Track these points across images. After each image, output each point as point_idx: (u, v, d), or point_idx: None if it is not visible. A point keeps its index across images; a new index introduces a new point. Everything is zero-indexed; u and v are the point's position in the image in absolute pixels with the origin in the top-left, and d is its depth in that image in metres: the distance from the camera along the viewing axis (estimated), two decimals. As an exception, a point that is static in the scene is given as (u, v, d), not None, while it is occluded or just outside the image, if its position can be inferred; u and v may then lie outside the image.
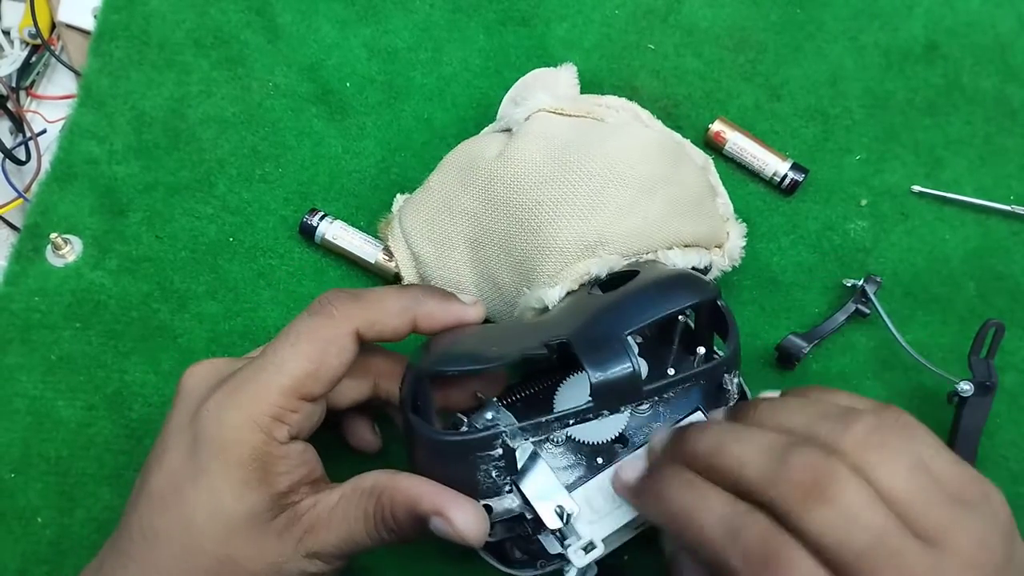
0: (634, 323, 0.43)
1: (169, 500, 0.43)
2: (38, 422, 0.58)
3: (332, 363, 0.45)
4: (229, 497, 0.43)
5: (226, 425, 0.43)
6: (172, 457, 0.44)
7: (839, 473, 0.36)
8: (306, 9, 0.66)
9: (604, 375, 0.42)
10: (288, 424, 0.44)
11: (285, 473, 0.44)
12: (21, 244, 0.61)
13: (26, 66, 0.68)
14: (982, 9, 0.67)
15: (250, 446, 0.43)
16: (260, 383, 0.44)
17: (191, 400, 0.45)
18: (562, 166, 0.52)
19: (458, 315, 0.48)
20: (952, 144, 0.64)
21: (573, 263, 0.51)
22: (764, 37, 0.66)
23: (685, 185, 0.54)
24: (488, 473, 0.43)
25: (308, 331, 0.45)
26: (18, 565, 0.55)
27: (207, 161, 0.63)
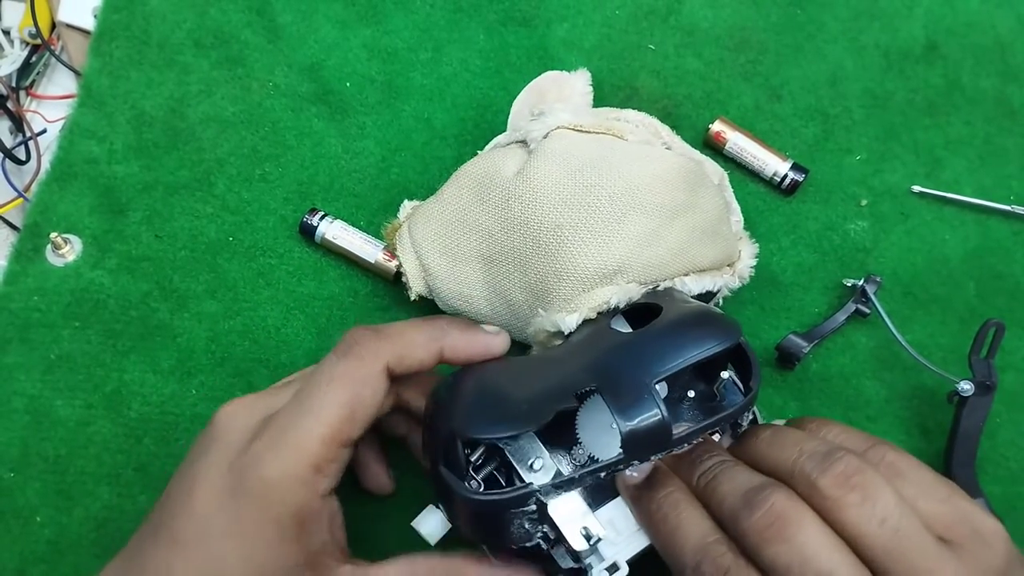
0: (662, 371, 0.43)
1: (196, 548, 0.42)
2: (37, 421, 0.58)
3: (367, 404, 0.45)
4: (263, 554, 0.42)
5: (270, 481, 0.42)
6: (204, 504, 0.43)
7: (800, 514, 0.38)
8: (306, 9, 0.66)
9: (634, 425, 0.42)
10: (327, 476, 0.44)
11: (319, 531, 0.44)
12: (21, 243, 0.61)
13: (26, 66, 0.68)
14: (982, 9, 0.67)
15: (294, 502, 0.43)
16: (300, 431, 0.43)
17: (229, 441, 0.44)
18: (582, 189, 0.51)
19: (484, 345, 0.48)
20: (952, 144, 0.64)
21: (591, 289, 0.50)
22: (764, 37, 0.66)
23: (704, 211, 0.53)
24: (521, 525, 0.43)
25: (340, 375, 0.44)
26: (16, 564, 0.55)
27: (207, 161, 0.63)
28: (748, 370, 0.46)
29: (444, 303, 0.55)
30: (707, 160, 0.58)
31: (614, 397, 0.42)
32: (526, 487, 0.42)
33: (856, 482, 0.38)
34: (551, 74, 0.61)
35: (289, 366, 0.59)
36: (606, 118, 0.56)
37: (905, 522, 0.37)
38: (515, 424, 0.43)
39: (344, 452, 0.44)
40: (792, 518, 0.37)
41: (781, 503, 0.38)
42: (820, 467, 0.39)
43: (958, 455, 0.55)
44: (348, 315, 0.60)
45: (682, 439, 0.43)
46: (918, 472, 0.40)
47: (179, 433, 0.58)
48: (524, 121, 0.57)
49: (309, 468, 0.43)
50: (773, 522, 0.38)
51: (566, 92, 0.59)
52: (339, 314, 0.60)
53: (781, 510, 0.38)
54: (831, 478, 0.38)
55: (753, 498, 0.39)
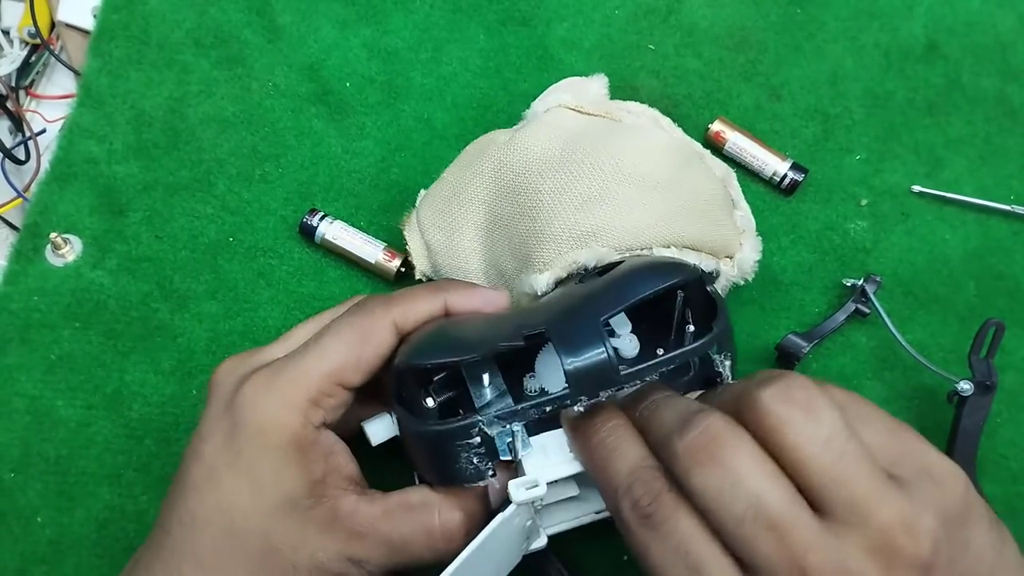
0: (610, 308, 0.43)
1: (207, 487, 0.44)
2: (37, 422, 0.58)
3: (372, 353, 0.46)
4: (267, 479, 0.43)
5: (263, 408, 0.44)
6: (209, 446, 0.45)
7: (735, 436, 0.35)
8: (306, 9, 0.66)
9: (577, 361, 0.42)
10: (323, 409, 0.45)
11: (320, 459, 0.45)
12: (21, 244, 0.61)
13: (26, 66, 0.68)
14: (982, 9, 0.67)
15: (288, 429, 0.44)
16: (300, 368, 0.45)
17: (224, 391, 0.46)
18: (568, 156, 0.52)
19: (484, 298, 0.48)
20: (952, 144, 0.64)
21: (566, 253, 0.51)
22: (764, 37, 0.66)
23: (693, 190, 0.53)
24: (470, 459, 0.44)
25: (349, 324, 0.46)
26: (17, 564, 0.55)
27: (207, 161, 0.63)
28: (710, 308, 0.46)
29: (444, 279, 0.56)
30: (709, 154, 0.59)
31: (562, 338, 0.42)
32: (468, 417, 0.43)
33: (800, 398, 0.35)
34: (570, 79, 0.61)
35: (289, 366, 0.59)
36: (607, 104, 0.57)
37: (851, 447, 0.34)
38: (457, 352, 0.44)
39: (343, 394, 0.46)
40: (726, 440, 0.35)
41: (716, 425, 0.36)
42: (763, 385, 0.36)
43: (958, 455, 0.55)
44: (348, 315, 0.60)
45: (630, 376, 0.42)
46: (869, 405, 0.38)
47: (180, 433, 0.58)
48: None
49: (305, 399, 0.44)
50: (706, 444, 0.35)
51: (581, 91, 0.59)
52: (339, 314, 0.60)
53: (715, 432, 0.35)
54: (773, 391, 0.35)
55: (687, 420, 0.37)
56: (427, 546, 0.44)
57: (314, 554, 0.43)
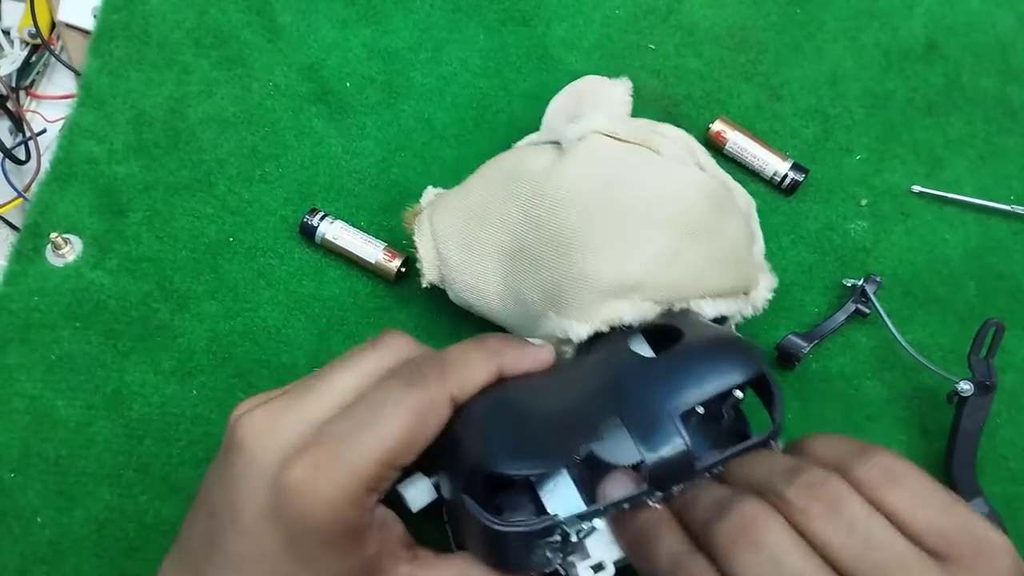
0: (686, 402, 0.42)
1: (259, 540, 0.41)
2: (37, 421, 0.58)
3: (430, 432, 0.43)
4: (324, 568, 0.41)
5: (320, 500, 0.40)
6: (254, 523, 0.41)
7: (770, 520, 0.37)
8: (306, 9, 0.66)
9: (659, 457, 0.41)
10: (380, 493, 0.43)
11: (375, 537, 0.43)
12: (21, 244, 0.61)
13: (26, 66, 0.68)
14: (982, 8, 0.67)
15: (346, 522, 0.41)
16: (356, 453, 0.41)
17: (263, 461, 0.42)
18: (609, 198, 0.50)
19: (536, 361, 0.47)
20: (952, 144, 0.64)
21: (605, 301, 0.49)
22: (764, 37, 0.66)
23: (728, 237, 0.52)
24: (543, 554, 0.42)
25: (406, 403, 0.43)
26: (17, 564, 0.55)
27: (207, 161, 0.63)
28: (769, 398, 0.45)
29: (456, 294, 0.55)
30: (738, 187, 0.57)
31: (637, 427, 0.42)
32: (552, 519, 0.42)
33: (821, 492, 0.37)
34: (591, 78, 0.60)
35: (290, 367, 0.59)
36: (642, 129, 0.55)
37: (877, 530, 0.37)
38: (545, 462, 0.42)
39: (396, 474, 0.43)
40: (761, 523, 0.37)
41: (751, 509, 0.38)
42: (786, 479, 0.38)
43: (958, 455, 0.55)
44: (348, 315, 0.60)
45: (705, 469, 0.42)
46: (916, 478, 0.39)
47: (180, 434, 0.58)
48: (560, 123, 0.56)
49: (362, 489, 0.41)
50: (743, 529, 0.37)
51: (604, 98, 0.58)
52: (340, 314, 0.60)
53: (751, 516, 0.37)
54: (796, 489, 0.38)
55: (724, 506, 0.38)
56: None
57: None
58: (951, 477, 0.55)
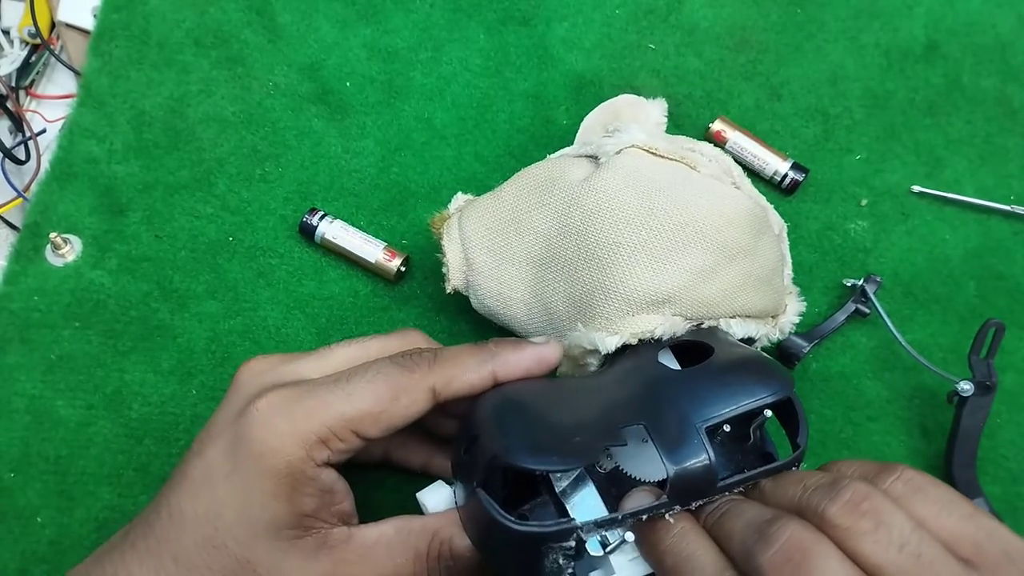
0: (712, 415, 0.42)
1: (202, 489, 0.43)
2: (37, 421, 0.58)
3: (398, 412, 0.44)
4: (257, 501, 0.42)
5: (270, 431, 0.43)
6: (212, 449, 0.44)
7: (820, 546, 0.36)
8: (306, 9, 0.66)
9: (681, 469, 0.41)
10: (330, 450, 0.43)
11: (311, 495, 0.43)
12: (21, 243, 0.61)
13: (26, 65, 0.68)
14: (982, 9, 0.67)
15: (287, 459, 0.42)
16: (320, 403, 0.43)
17: (242, 394, 0.45)
18: (647, 210, 0.50)
19: (536, 358, 0.47)
20: (952, 144, 0.64)
21: (636, 314, 0.49)
22: (764, 37, 0.66)
23: (762, 258, 0.52)
24: (555, 560, 0.42)
25: (385, 375, 0.44)
26: (18, 564, 0.55)
27: (207, 160, 0.63)
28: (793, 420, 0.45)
29: (479, 301, 0.54)
30: (771, 208, 0.56)
31: (662, 437, 0.42)
32: (569, 522, 0.41)
33: (866, 508, 0.36)
34: (628, 96, 0.61)
35: (289, 366, 0.59)
36: (680, 147, 0.54)
37: (926, 547, 0.36)
38: (567, 458, 0.41)
39: (355, 441, 0.44)
40: (812, 551, 0.35)
41: (798, 535, 0.36)
42: (827, 496, 0.37)
43: (958, 455, 0.55)
44: (348, 315, 0.60)
45: (727, 487, 0.42)
46: (937, 489, 0.38)
47: (179, 433, 0.58)
48: (596, 137, 0.55)
49: (314, 435, 0.43)
50: (791, 556, 0.35)
51: (641, 117, 0.59)
52: (339, 314, 0.60)
53: (799, 543, 0.36)
54: (839, 506, 0.36)
55: (767, 531, 0.37)
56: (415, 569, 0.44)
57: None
58: (951, 477, 0.55)
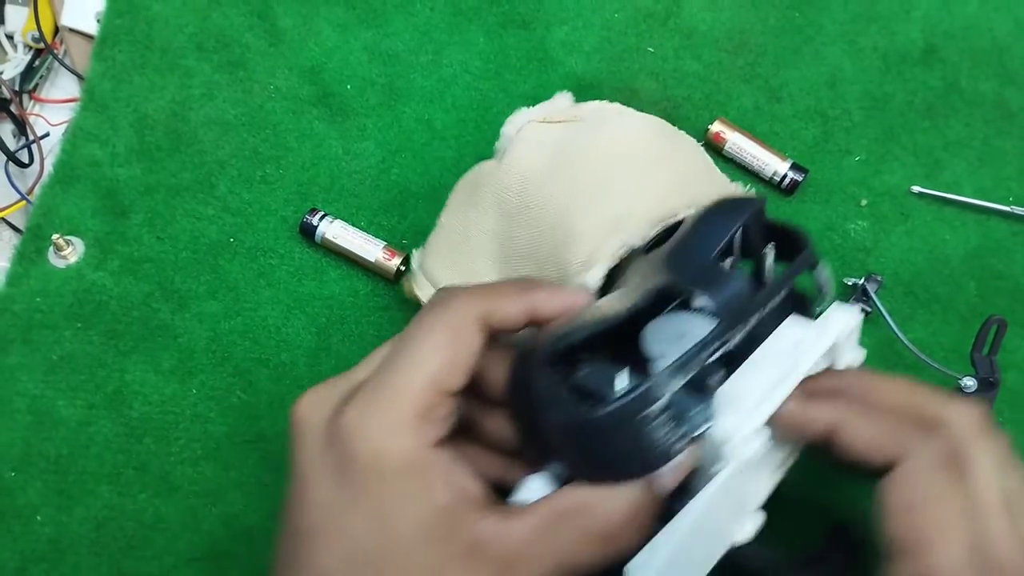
0: (715, 243, 0.42)
1: (330, 535, 0.39)
2: (39, 421, 0.58)
3: (465, 351, 0.41)
4: (394, 513, 0.38)
5: (372, 435, 0.39)
6: (319, 492, 0.39)
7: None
8: (307, 13, 0.66)
9: (719, 294, 0.40)
10: (433, 423, 0.40)
11: (443, 483, 0.39)
12: (24, 245, 0.61)
13: (29, 70, 0.68)
14: (979, 13, 0.68)
15: (402, 453, 0.39)
16: (398, 384, 0.40)
17: (317, 426, 0.41)
18: (563, 159, 0.52)
19: (571, 302, 0.44)
20: (951, 146, 0.64)
21: (603, 241, 0.49)
22: (763, 40, 0.66)
23: (688, 157, 0.54)
24: (655, 433, 0.38)
25: (434, 322, 0.41)
26: (17, 563, 0.55)
27: (208, 163, 0.63)
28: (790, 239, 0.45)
29: None
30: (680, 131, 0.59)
31: (692, 281, 0.41)
32: (648, 380, 0.38)
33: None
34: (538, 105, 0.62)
35: (289, 365, 0.59)
36: (570, 111, 0.56)
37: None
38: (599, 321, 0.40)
39: (449, 401, 0.40)
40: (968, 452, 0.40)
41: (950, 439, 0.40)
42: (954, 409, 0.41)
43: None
44: (348, 314, 0.60)
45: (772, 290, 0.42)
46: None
47: (179, 432, 0.58)
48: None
49: (413, 417, 0.39)
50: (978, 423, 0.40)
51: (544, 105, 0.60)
52: (339, 313, 0.60)
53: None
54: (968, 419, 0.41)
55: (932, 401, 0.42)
56: (590, 553, 0.39)
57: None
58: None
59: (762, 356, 0.42)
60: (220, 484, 0.57)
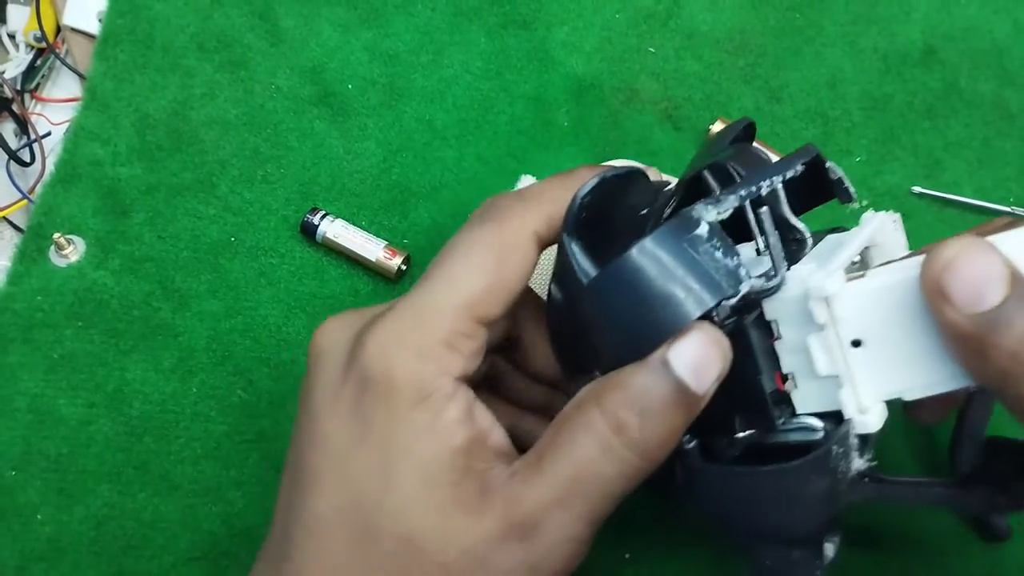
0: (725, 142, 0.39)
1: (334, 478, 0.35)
2: (39, 420, 0.58)
3: (513, 275, 0.37)
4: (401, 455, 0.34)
5: (395, 360, 0.35)
6: (331, 424, 0.36)
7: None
8: (308, 13, 0.66)
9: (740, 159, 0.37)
10: (461, 354, 0.36)
11: (458, 422, 0.35)
12: (25, 245, 0.61)
13: (31, 69, 0.68)
14: (979, 15, 0.68)
15: (418, 382, 0.35)
16: (428, 305, 0.36)
17: (338, 352, 0.37)
18: None
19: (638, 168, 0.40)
20: (951, 147, 0.65)
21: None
22: (763, 41, 0.67)
23: None
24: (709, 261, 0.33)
25: (481, 239, 0.37)
26: (17, 562, 0.55)
27: (209, 162, 0.63)
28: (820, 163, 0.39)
29: None
30: None
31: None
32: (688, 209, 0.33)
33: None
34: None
35: (290, 364, 0.59)
36: None
37: None
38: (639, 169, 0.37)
39: (482, 332, 0.37)
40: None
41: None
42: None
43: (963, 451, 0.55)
44: (349, 314, 0.60)
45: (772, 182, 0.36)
46: None
47: (179, 431, 0.58)
48: None
49: (440, 342, 0.35)
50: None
51: None
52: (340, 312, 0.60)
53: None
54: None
55: None
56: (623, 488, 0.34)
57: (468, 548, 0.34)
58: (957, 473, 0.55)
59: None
60: (220, 483, 0.57)
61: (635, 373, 0.33)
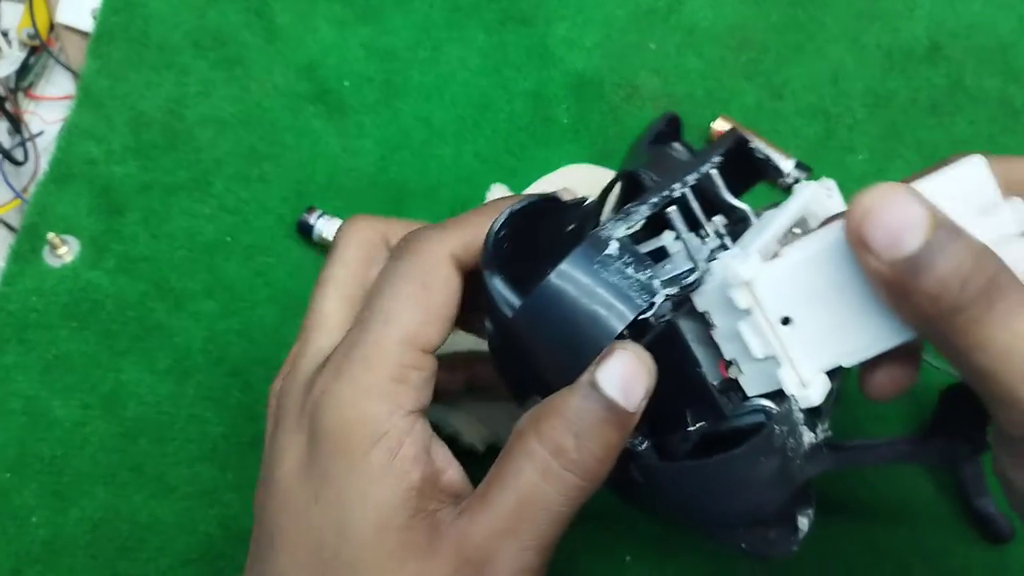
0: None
1: (288, 534, 0.36)
2: (33, 421, 0.57)
3: (440, 299, 0.37)
4: (356, 503, 0.35)
5: (342, 404, 0.35)
6: (287, 473, 0.37)
7: None
8: (304, 9, 0.66)
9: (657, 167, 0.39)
10: (410, 386, 0.36)
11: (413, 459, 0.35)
12: (18, 244, 0.61)
13: (24, 67, 0.67)
14: (984, 11, 0.67)
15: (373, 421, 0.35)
16: (371, 344, 0.36)
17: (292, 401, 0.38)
18: None
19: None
20: (956, 144, 0.64)
21: None
22: (765, 37, 0.66)
23: None
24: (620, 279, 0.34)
25: (404, 273, 0.37)
26: (12, 564, 0.55)
27: (205, 161, 0.62)
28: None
29: None
30: None
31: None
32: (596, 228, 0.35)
33: None
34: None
35: (287, 365, 0.58)
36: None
37: None
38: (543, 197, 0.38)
39: (428, 361, 0.37)
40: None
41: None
42: None
43: (964, 453, 0.55)
44: (346, 314, 0.60)
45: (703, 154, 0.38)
46: None
47: (174, 433, 0.57)
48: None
49: (388, 380, 0.35)
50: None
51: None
52: (337, 313, 0.60)
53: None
54: None
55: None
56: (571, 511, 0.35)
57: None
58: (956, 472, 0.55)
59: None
60: (216, 485, 0.56)
61: (567, 397, 0.34)
